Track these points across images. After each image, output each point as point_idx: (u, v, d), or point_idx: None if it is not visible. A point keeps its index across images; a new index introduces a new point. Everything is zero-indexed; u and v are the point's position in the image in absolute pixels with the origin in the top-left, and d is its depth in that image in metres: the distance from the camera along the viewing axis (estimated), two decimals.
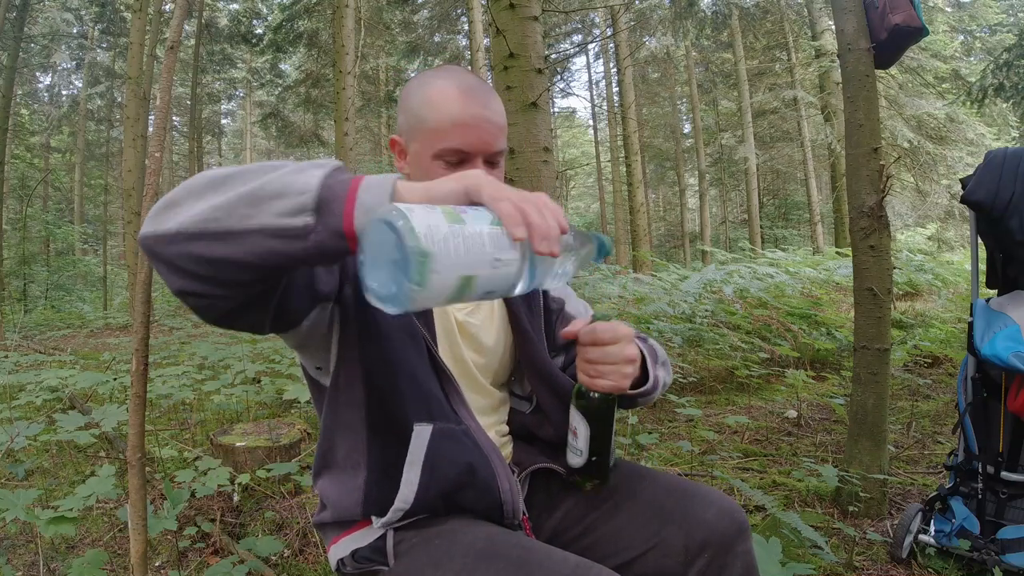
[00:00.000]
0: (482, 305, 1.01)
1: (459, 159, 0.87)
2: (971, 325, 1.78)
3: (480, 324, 1.00)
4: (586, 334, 0.85)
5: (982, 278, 1.95)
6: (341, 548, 0.92)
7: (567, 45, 18.30)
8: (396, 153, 0.95)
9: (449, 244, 0.53)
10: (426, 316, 0.92)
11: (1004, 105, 9.34)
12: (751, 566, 0.89)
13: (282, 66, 17.47)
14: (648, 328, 4.24)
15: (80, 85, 19.93)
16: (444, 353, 0.94)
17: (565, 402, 0.94)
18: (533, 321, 1.04)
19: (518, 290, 0.62)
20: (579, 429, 0.87)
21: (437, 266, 0.52)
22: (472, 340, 0.98)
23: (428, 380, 0.90)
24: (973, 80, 7.60)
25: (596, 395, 0.85)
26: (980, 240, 1.93)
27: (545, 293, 1.11)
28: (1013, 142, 14.53)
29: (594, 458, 0.87)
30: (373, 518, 0.88)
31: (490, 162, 0.90)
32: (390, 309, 0.56)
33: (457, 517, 0.86)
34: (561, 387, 0.98)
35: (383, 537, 0.88)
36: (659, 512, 0.90)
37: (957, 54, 14.43)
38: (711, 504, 0.89)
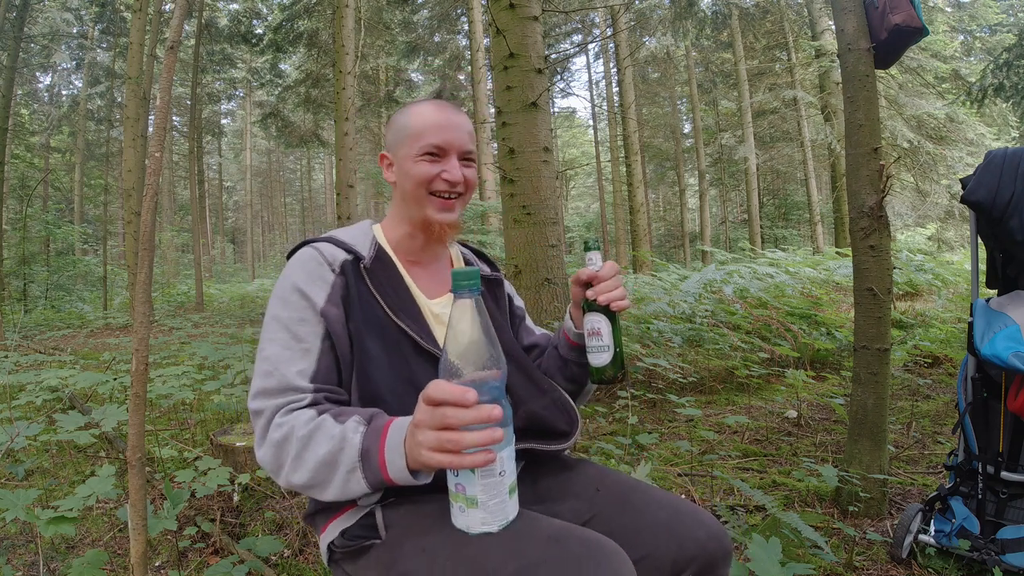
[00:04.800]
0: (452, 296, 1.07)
1: (439, 153, 1.04)
2: (971, 325, 1.78)
3: None
4: (609, 268, 1.03)
5: (982, 278, 1.95)
6: (330, 533, 0.95)
7: (567, 45, 18.31)
8: (384, 166, 1.11)
9: None
10: (414, 315, 1.01)
11: (1004, 105, 9.35)
12: None
13: (282, 66, 17.44)
14: (648, 328, 4.24)
15: (80, 85, 19.92)
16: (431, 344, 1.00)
17: (534, 383, 1.07)
18: (500, 314, 1.16)
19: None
20: (602, 328, 1.03)
21: None
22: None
23: (415, 375, 0.96)
24: (973, 80, 7.60)
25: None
26: (980, 240, 1.93)
27: (511, 299, 1.23)
28: (1013, 142, 14.55)
29: (618, 349, 1.03)
30: (360, 499, 0.92)
31: (464, 160, 1.07)
32: None
33: (445, 492, 0.87)
34: (529, 371, 1.07)
35: (371, 514, 0.91)
36: (652, 525, 0.94)
37: (957, 54, 14.45)
38: (702, 525, 0.94)
